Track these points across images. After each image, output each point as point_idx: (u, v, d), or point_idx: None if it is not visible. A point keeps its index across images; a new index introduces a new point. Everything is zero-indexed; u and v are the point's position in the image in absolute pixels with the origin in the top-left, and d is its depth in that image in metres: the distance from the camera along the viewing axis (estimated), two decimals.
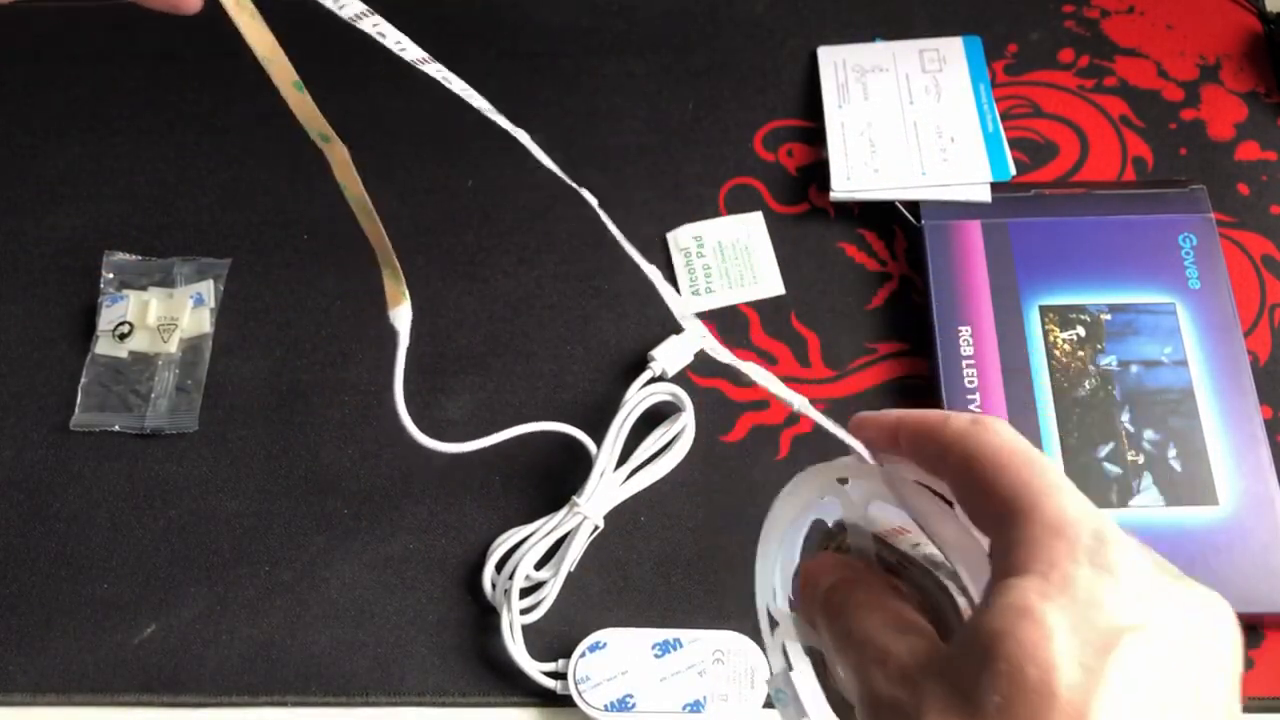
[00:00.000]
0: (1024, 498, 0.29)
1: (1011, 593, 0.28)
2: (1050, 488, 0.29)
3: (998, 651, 0.27)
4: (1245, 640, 0.56)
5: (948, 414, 0.33)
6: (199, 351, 0.66)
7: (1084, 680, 0.26)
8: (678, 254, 0.68)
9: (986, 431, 0.31)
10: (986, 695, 0.27)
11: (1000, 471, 0.30)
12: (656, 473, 0.61)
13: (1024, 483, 0.30)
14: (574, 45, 0.77)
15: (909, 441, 0.34)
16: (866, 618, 0.32)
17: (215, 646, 0.58)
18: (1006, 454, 0.31)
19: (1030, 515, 0.29)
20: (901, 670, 0.30)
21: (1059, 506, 0.29)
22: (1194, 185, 0.68)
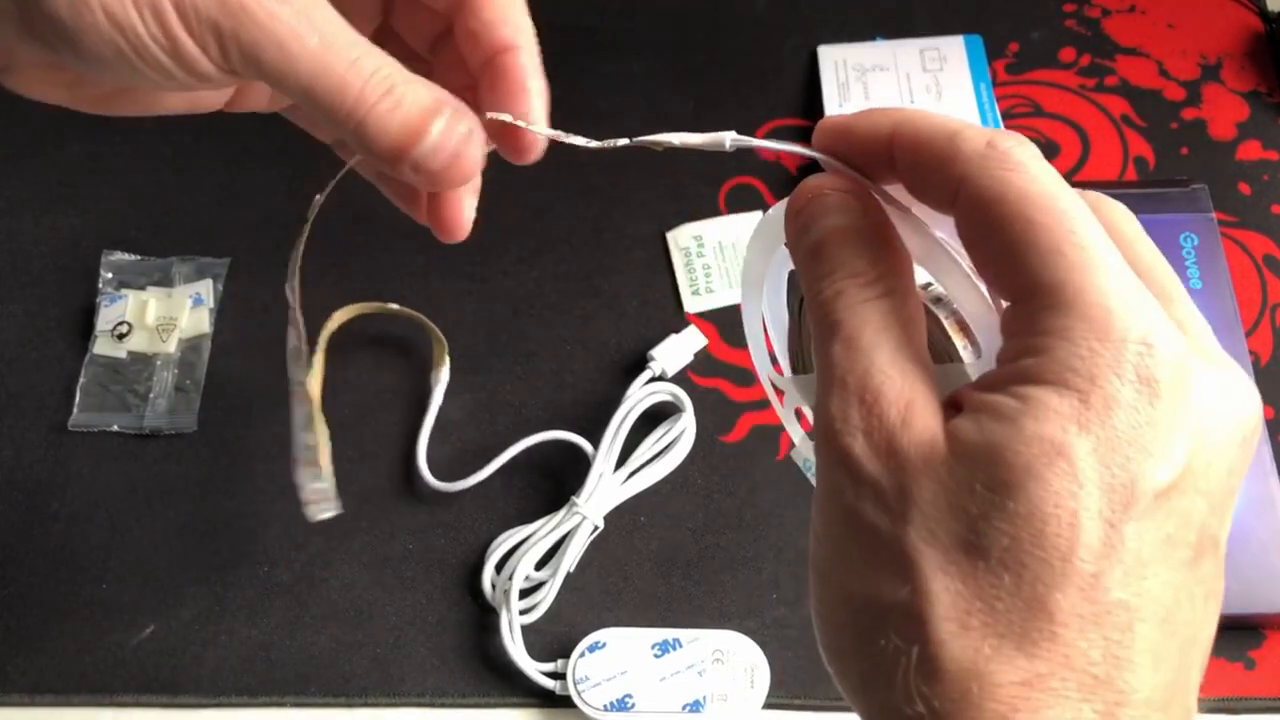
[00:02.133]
0: (1061, 276, 0.24)
1: (1045, 417, 0.23)
2: (1095, 265, 0.24)
3: (1019, 491, 0.23)
4: (1245, 640, 0.56)
5: (958, 130, 0.26)
6: (198, 351, 0.66)
7: (1103, 546, 0.23)
8: (678, 254, 0.68)
9: (1010, 166, 0.25)
10: (993, 533, 0.23)
11: (1030, 231, 0.24)
12: (656, 473, 0.61)
13: (1062, 254, 0.24)
14: (574, 45, 0.77)
15: (906, 162, 0.27)
16: (864, 324, 0.26)
17: (214, 647, 0.58)
18: (1038, 205, 0.25)
19: (1070, 304, 0.24)
20: (891, 445, 0.25)
21: (1105, 295, 0.24)
22: (1195, 185, 0.68)
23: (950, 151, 0.26)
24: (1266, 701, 0.55)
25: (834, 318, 0.27)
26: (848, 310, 0.27)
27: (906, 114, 0.27)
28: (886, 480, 0.25)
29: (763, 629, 0.57)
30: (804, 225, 0.28)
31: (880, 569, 0.25)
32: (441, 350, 0.64)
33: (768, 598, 0.59)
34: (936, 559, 0.24)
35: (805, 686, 0.56)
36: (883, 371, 0.26)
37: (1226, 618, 0.57)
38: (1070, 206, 0.25)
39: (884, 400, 0.25)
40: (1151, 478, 0.23)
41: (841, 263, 0.27)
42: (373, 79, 0.32)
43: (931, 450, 0.24)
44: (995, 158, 0.25)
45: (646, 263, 0.68)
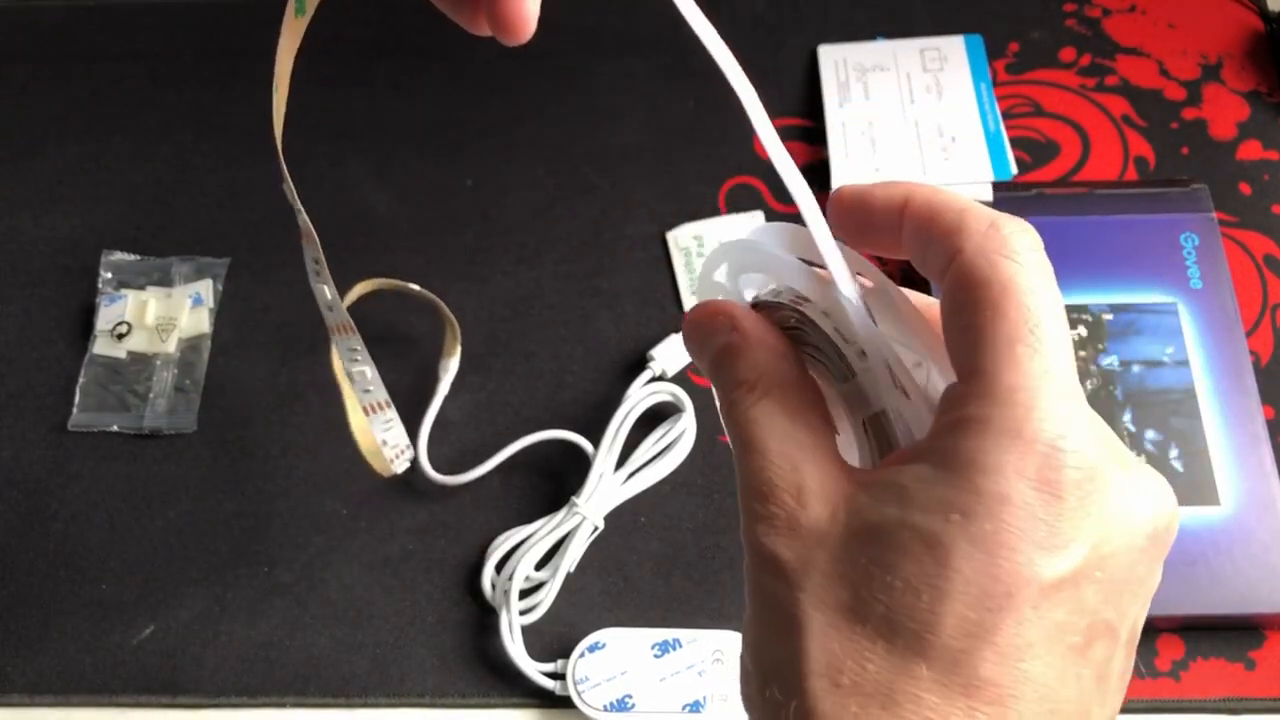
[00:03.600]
0: (1002, 368, 0.25)
1: (930, 507, 0.25)
2: (1036, 366, 0.25)
3: (897, 569, 0.25)
4: (1245, 640, 0.56)
5: (966, 207, 0.28)
6: (197, 351, 0.66)
7: (973, 627, 0.24)
8: (678, 254, 0.68)
9: (1005, 252, 0.27)
10: (872, 601, 0.25)
11: (995, 320, 0.26)
12: (656, 473, 0.61)
13: (1012, 349, 0.25)
14: (574, 45, 0.77)
15: (914, 230, 0.29)
16: (755, 425, 0.29)
17: (214, 647, 0.58)
18: (1013, 298, 0.26)
19: (999, 397, 0.25)
20: (791, 527, 0.27)
21: (1032, 395, 0.25)
22: (1196, 184, 0.68)
23: (956, 225, 0.28)
24: (1266, 702, 0.55)
25: (734, 428, 0.29)
26: (742, 418, 0.29)
27: (920, 188, 0.29)
28: (785, 555, 0.27)
29: None
30: (697, 355, 0.31)
31: (774, 630, 0.27)
32: (454, 338, 0.64)
33: None
34: (820, 621, 0.26)
35: None
36: (773, 465, 0.28)
37: (1226, 618, 0.57)
38: (1042, 305, 0.26)
39: (777, 491, 0.28)
40: (1040, 572, 0.24)
41: (728, 375, 0.30)
42: None
43: (830, 525, 0.26)
44: (994, 240, 0.27)
45: (646, 263, 0.68)
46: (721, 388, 0.30)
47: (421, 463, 0.61)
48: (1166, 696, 0.55)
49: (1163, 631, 0.57)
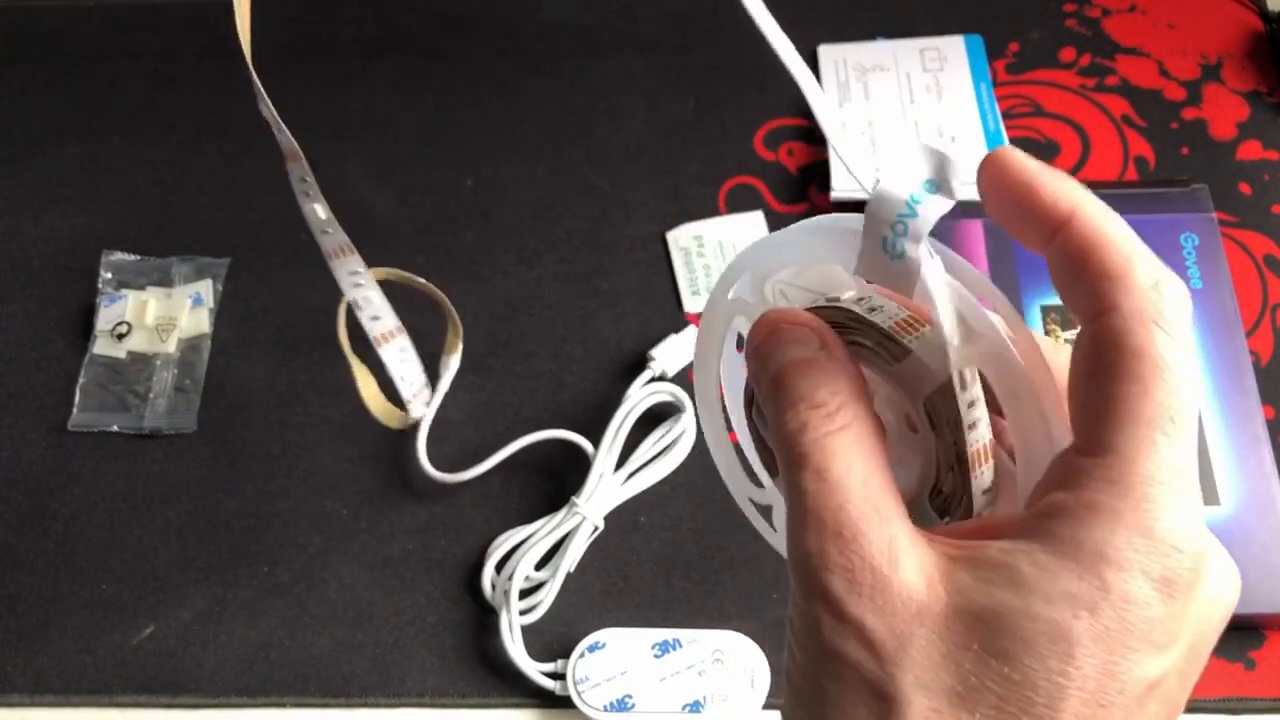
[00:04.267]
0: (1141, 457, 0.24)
1: (1058, 600, 0.23)
2: (1170, 458, 0.24)
3: (1016, 661, 0.23)
4: (1245, 640, 0.56)
5: (1135, 254, 0.25)
6: (197, 351, 0.66)
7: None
8: (678, 254, 0.68)
9: (1163, 323, 0.24)
10: (984, 691, 0.23)
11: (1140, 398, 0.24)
12: (657, 474, 0.61)
13: (1152, 437, 0.24)
14: (574, 45, 0.77)
15: (1073, 250, 0.26)
16: (833, 458, 0.26)
17: (214, 647, 0.58)
18: (1162, 376, 0.24)
19: (1132, 487, 0.24)
20: (878, 587, 0.24)
21: (1165, 491, 0.24)
22: (1196, 185, 0.68)
23: (1119, 271, 0.25)
24: (1266, 702, 0.55)
25: (800, 450, 0.27)
26: (814, 444, 0.26)
27: (1092, 205, 0.27)
28: (872, 622, 0.24)
29: (763, 629, 0.57)
30: (764, 357, 0.28)
31: (860, 705, 0.25)
32: (456, 335, 0.64)
33: (768, 598, 0.58)
34: (921, 704, 0.24)
35: None
36: (858, 509, 0.25)
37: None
38: (1187, 392, 0.25)
39: (865, 540, 0.25)
40: (1149, 671, 0.24)
41: (803, 395, 0.27)
42: None
43: (928, 598, 0.24)
44: (1155, 305, 0.25)
45: (646, 263, 0.68)
46: (788, 404, 0.27)
47: (421, 459, 0.61)
48: None
49: None
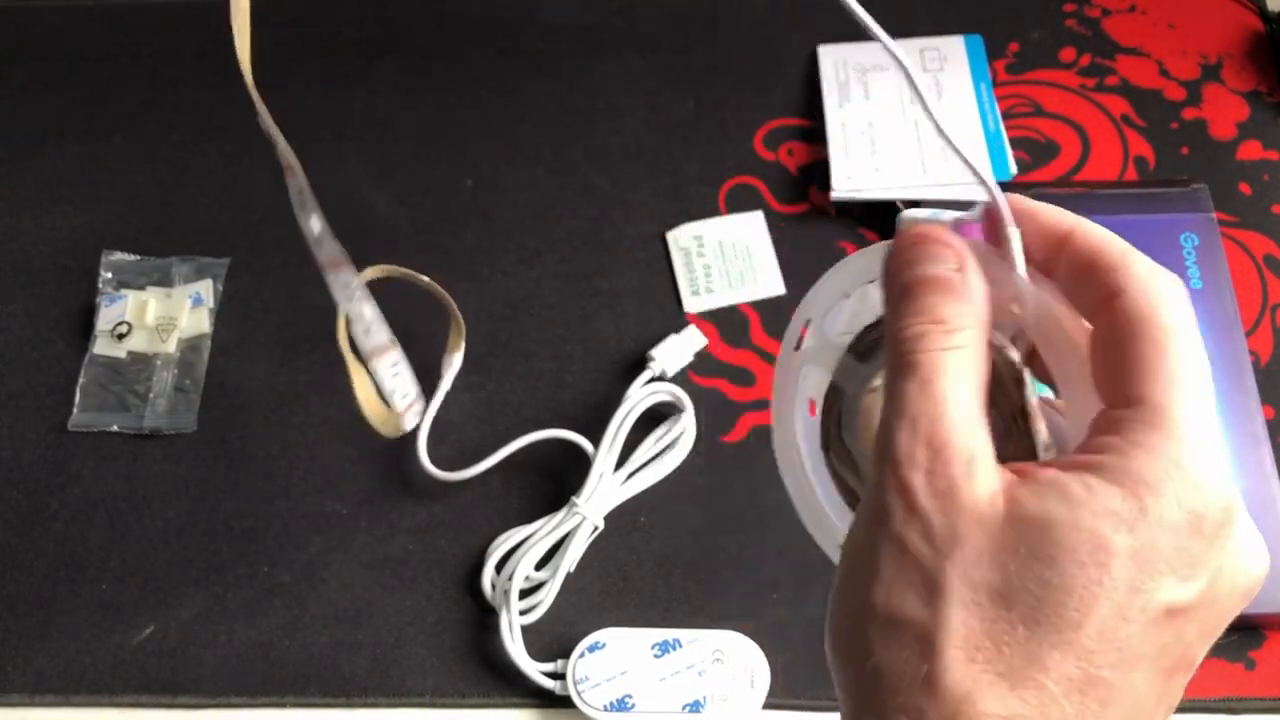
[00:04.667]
0: (1171, 402, 0.27)
1: (1102, 515, 0.26)
2: (1199, 406, 0.27)
3: (1057, 565, 0.26)
4: (1245, 640, 0.56)
5: (1130, 249, 0.29)
6: (197, 351, 0.66)
7: (1109, 632, 0.26)
8: (678, 254, 0.68)
9: (1167, 297, 0.28)
10: (1022, 591, 0.26)
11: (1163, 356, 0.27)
12: (657, 473, 0.61)
13: (1179, 386, 0.27)
14: (574, 45, 0.77)
15: (1077, 258, 0.29)
16: (940, 371, 0.28)
17: (214, 647, 0.58)
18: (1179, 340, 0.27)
19: (1168, 428, 0.27)
20: (950, 491, 0.27)
21: (1197, 433, 0.27)
22: (1196, 185, 0.68)
23: (1120, 262, 0.29)
24: (1266, 701, 0.55)
25: (912, 357, 0.28)
26: (926, 353, 0.28)
27: (1087, 223, 0.30)
28: (937, 519, 0.27)
29: (763, 629, 0.57)
30: (904, 263, 0.30)
31: (910, 589, 0.27)
32: (458, 334, 0.64)
33: (768, 598, 0.58)
34: (964, 595, 0.26)
35: (805, 687, 0.56)
36: (953, 422, 0.27)
37: None
38: (1200, 351, 0.28)
39: (951, 449, 0.27)
40: (1170, 596, 0.26)
41: (929, 307, 0.29)
42: None
43: (989, 507, 0.27)
44: (1158, 284, 0.28)
45: (646, 263, 0.68)
46: (911, 312, 0.29)
47: (422, 458, 0.61)
48: None
49: None
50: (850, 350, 0.34)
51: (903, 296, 0.30)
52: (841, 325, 0.35)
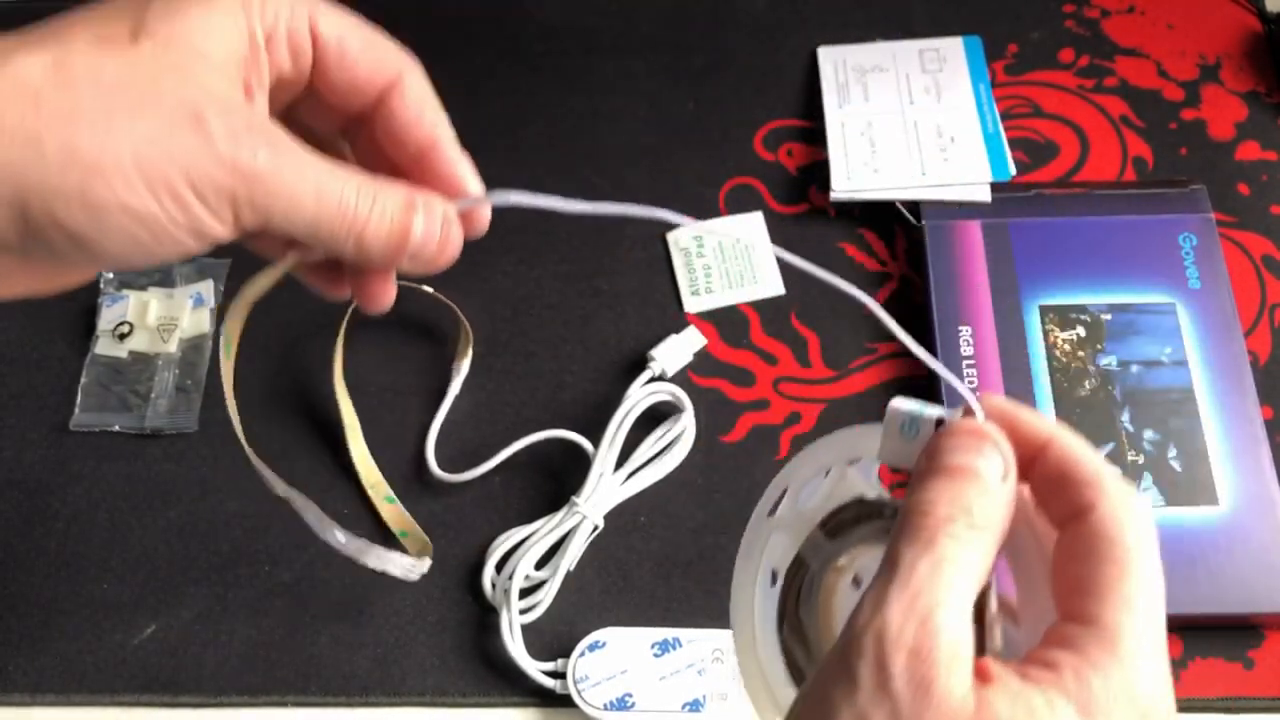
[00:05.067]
0: (1127, 628, 0.29)
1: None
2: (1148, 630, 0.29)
3: None
4: (1244, 640, 0.56)
5: (1105, 466, 0.30)
6: (199, 351, 0.66)
7: None
8: (678, 254, 0.68)
9: (1135, 518, 0.30)
10: None
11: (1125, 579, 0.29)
12: (656, 473, 0.61)
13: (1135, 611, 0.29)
14: (574, 45, 0.77)
15: (1052, 468, 0.31)
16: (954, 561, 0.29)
17: (215, 647, 0.58)
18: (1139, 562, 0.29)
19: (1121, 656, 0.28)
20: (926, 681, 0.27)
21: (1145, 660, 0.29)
22: (1194, 185, 0.68)
23: (1094, 479, 0.30)
24: (1266, 701, 0.55)
25: (933, 535, 0.29)
26: (949, 538, 0.29)
27: (1066, 432, 0.31)
28: (907, 706, 0.27)
29: None
30: (958, 448, 0.31)
31: None
32: (466, 342, 0.65)
33: None
34: None
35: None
36: (950, 613, 0.28)
37: (1225, 617, 0.57)
38: (1158, 576, 0.29)
39: (940, 639, 0.27)
40: None
41: (966, 496, 0.30)
42: (359, 202, 0.37)
43: (959, 706, 0.27)
44: (1127, 506, 0.30)
45: (646, 263, 0.69)
46: (949, 496, 0.30)
47: (430, 463, 0.61)
48: None
49: None
50: (821, 525, 0.35)
51: (944, 475, 0.30)
52: (817, 500, 0.36)
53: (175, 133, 0.34)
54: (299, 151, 0.36)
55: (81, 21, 0.35)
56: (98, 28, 0.35)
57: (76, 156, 0.33)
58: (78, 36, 0.34)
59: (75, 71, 0.33)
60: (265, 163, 0.35)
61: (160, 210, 0.34)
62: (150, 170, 0.33)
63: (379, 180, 0.38)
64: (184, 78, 0.34)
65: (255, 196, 0.35)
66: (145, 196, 0.33)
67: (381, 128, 0.41)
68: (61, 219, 0.33)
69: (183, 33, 0.35)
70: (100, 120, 0.33)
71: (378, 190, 0.38)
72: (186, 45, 0.35)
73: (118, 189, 0.33)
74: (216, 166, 0.34)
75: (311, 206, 0.36)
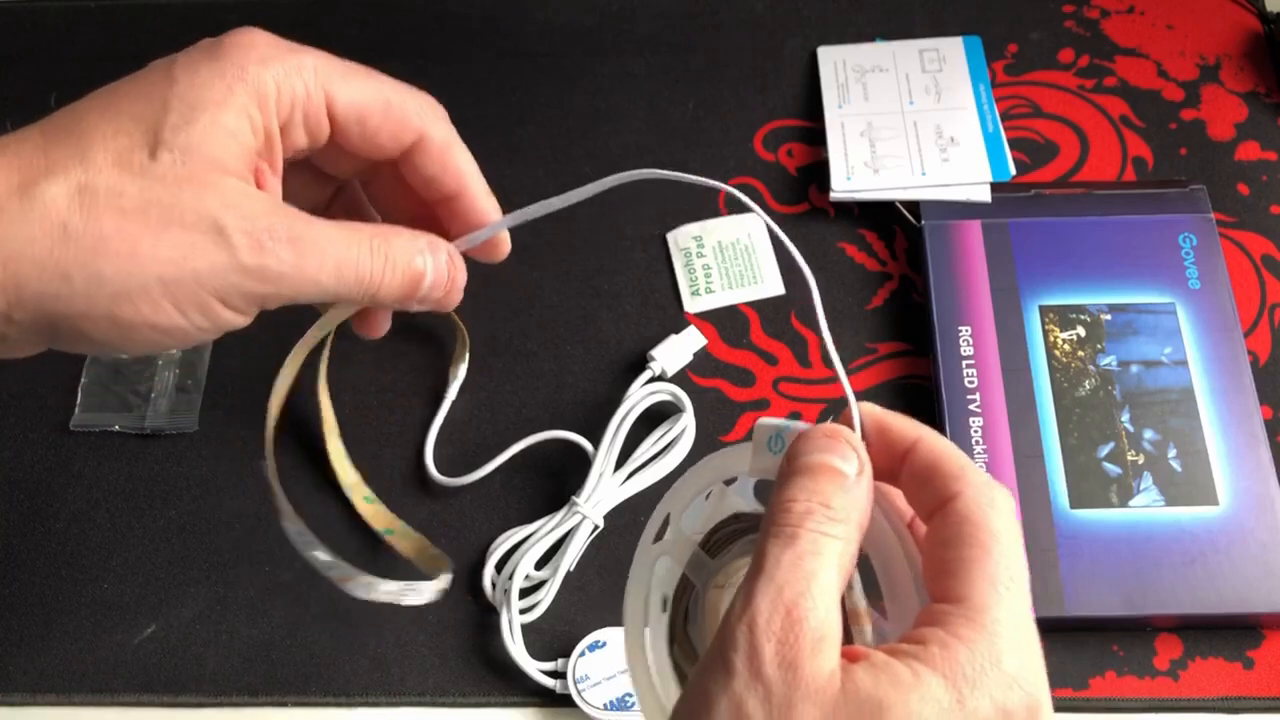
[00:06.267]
0: (990, 604, 0.30)
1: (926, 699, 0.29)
2: (1011, 606, 0.30)
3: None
4: (1244, 640, 0.56)
5: (969, 463, 0.32)
6: (199, 351, 0.66)
7: None
8: (678, 254, 0.68)
9: (997, 507, 0.32)
10: None
11: (986, 561, 0.31)
12: (657, 473, 0.61)
13: (996, 590, 0.30)
14: (574, 45, 0.77)
15: (919, 466, 0.33)
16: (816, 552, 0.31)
17: (215, 647, 0.58)
18: (1001, 545, 0.31)
19: (985, 629, 0.30)
20: (794, 663, 0.29)
21: (1008, 632, 0.30)
22: (1194, 185, 0.68)
23: (959, 472, 0.32)
24: (1266, 701, 0.55)
25: (793, 530, 0.31)
26: (808, 531, 0.31)
27: (931, 433, 0.34)
28: (778, 689, 0.29)
29: None
30: (815, 448, 0.33)
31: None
32: (463, 346, 0.65)
33: None
34: None
35: None
36: (814, 601, 0.30)
37: (1225, 617, 0.57)
38: (1020, 557, 0.31)
39: (805, 625, 0.29)
40: None
41: (823, 491, 0.32)
42: (374, 264, 0.40)
43: (826, 683, 0.29)
44: (989, 495, 0.32)
45: (646, 263, 0.69)
46: (806, 492, 0.32)
47: (429, 467, 0.62)
48: (1165, 695, 0.56)
49: (1161, 631, 0.57)
50: (702, 545, 0.37)
51: (802, 474, 0.33)
52: (699, 524, 0.37)
53: (199, 251, 0.36)
54: (316, 233, 0.38)
55: (99, 133, 0.37)
56: (118, 141, 0.36)
57: (104, 285, 0.35)
58: (98, 153, 0.36)
59: (99, 198, 0.35)
60: (289, 263, 0.37)
61: (186, 323, 0.36)
62: (177, 291, 0.36)
63: (387, 233, 0.40)
64: (202, 190, 0.36)
65: (282, 291, 0.37)
66: (172, 314, 0.36)
67: (405, 177, 0.43)
68: (88, 334, 0.36)
69: (199, 141, 0.37)
70: (125, 247, 0.35)
71: (389, 246, 0.40)
72: (203, 154, 0.36)
73: (144, 311, 0.35)
74: (242, 278, 0.36)
75: (332, 283, 0.39)
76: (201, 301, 0.36)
